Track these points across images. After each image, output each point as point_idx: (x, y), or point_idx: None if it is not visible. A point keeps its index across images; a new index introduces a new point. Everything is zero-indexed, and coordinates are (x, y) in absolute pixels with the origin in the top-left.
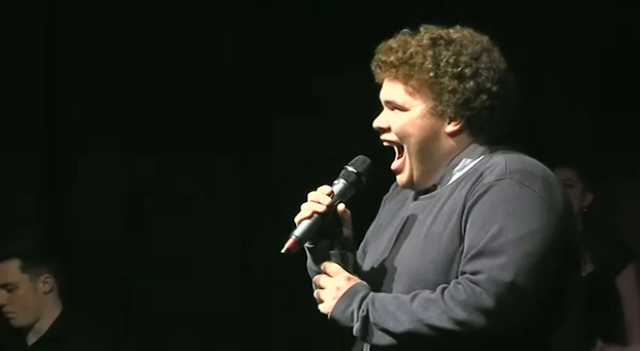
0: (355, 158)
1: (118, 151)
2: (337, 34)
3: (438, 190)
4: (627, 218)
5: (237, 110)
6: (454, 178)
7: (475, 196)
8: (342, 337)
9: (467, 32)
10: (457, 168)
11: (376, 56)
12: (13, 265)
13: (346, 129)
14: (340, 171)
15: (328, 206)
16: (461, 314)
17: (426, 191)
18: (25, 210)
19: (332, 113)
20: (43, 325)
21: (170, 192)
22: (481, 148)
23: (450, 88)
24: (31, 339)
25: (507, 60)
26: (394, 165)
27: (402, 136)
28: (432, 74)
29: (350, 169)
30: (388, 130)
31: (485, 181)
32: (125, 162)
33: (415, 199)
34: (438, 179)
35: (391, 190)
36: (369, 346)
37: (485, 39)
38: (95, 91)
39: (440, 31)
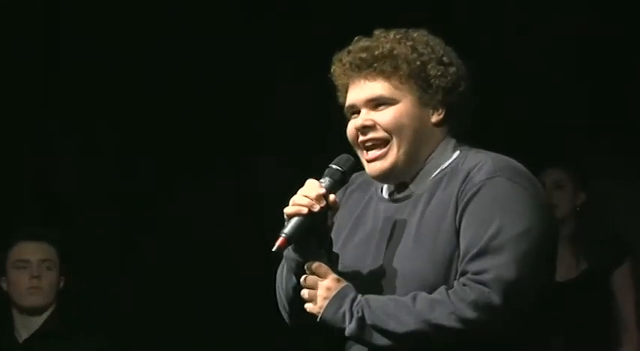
0: (339, 157)
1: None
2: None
3: (412, 189)
4: (620, 217)
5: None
6: (429, 177)
7: (468, 195)
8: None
9: (423, 31)
10: (432, 165)
11: (347, 58)
12: (55, 250)
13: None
14: (325, 169)
15: (323, 208)
16: (471, 314)
17: (398, 190)
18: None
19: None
20: (40, 319)
21: (168, 191)
22: (452, 143)
23: (438, 73)
24: (23, 335)
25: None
26: (373, 154)
27: (396, 129)
28: (418, 63)
29: (335, 167)
30: (374, 127)
31: (476, 180)
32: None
33: (383, 200)
34: (412, 175)
35: (339, 190)
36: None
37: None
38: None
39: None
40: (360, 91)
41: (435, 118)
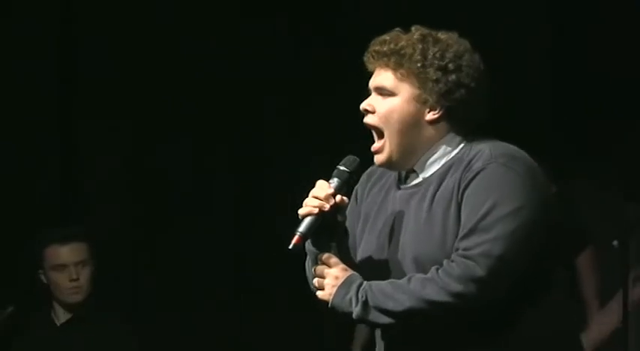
0: (346, 158)
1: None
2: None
3: (421, 178)
4: (583, 211)
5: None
6: (437, 166)
7: (466, 182)
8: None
9: (452, 35)
10: (437, 155)
11: (370, 48)
12: (86, 246)
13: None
14: (333, 170)
15: (332, 207)
16: (457, 287)
17: (409, 178)
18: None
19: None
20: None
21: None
22: (458, 138)
23: (434, 78)
24: (61, 319)
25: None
26: (374, 146)
27: (386, 119)
28: (419, 64)
29: (342, 168)
30: (372, 112)
31: (474, 167)
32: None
33: (399, 188)
34: (416, 163)
35: (364, 179)
36: (380, 335)
37: (467, 42)
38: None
39: (429, 31)
40: (374, 77)
41: (429, 116)
